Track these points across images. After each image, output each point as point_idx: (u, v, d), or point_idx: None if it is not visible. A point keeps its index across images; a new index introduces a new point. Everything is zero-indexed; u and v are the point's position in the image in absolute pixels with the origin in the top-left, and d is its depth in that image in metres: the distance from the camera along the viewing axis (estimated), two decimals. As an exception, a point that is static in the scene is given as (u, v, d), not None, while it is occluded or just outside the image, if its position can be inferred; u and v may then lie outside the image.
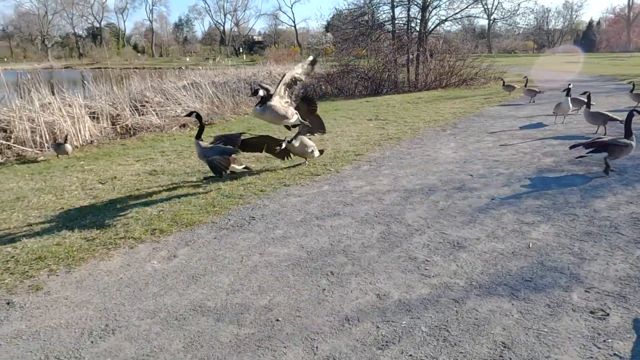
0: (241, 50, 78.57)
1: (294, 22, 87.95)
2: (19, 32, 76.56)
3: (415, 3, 19.89)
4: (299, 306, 2.76)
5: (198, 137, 5.23)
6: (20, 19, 77.07)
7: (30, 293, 2.97)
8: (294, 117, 5.51)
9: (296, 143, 5.77)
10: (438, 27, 21.58)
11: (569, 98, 8.28)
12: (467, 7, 21.63)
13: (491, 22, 59.51)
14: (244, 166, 5.65)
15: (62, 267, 3.31)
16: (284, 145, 5.65)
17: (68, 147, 7.53)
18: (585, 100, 7.28)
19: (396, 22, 20.71)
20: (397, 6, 20.30)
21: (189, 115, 5.56)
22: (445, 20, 21.42)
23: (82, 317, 2.69)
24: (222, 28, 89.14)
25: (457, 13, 21.53)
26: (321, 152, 6.34)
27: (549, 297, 2.75)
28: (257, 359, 2.31)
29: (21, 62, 55.75)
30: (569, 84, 8.66)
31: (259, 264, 3.32)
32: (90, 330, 2.56)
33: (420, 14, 20.10)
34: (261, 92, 5.13)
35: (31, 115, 9.63)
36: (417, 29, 20.12)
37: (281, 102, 5.34)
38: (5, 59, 52.67)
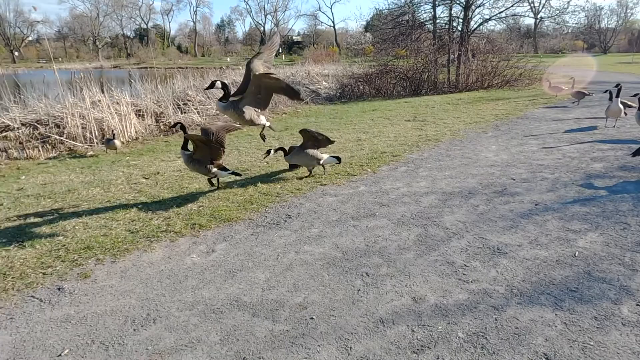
0: (280, 51, 79.53)
1: (333, 22, 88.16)
2: (72, 34, 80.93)
3: (458, 2, 19.43)
4: (334, 305, 2.77)
5: (184, 147, 4.92)
6: (74, 21, 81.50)
7: (79, 280, 3.13)
8: (261, 120, 4.80)
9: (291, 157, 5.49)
10: (481, 27, 20.99)
11: (619, 100, 7.84)
12: (512, 6, 20.88)
13: (538, 20, 57.21)
14: (230, 171, 5.13)
15: (108, 257, 3.47)
16: (270, 155, 5.52)
17: (117, 142, 7.88)
18: (630, 104, 6.86)
19: (437, 21, 20.33)
20: (438, 5, 19.91)
21: (174, 126, 5.35)
22: (489, 19, 20.79)
23: (126, 306, 2.81)
24: (262, 28, 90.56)
25: (501, 12, 20.84)
26: (339, 160, 5.76)
27: (596, 310, 2.62)
28: (291, 356, 2.33)
29: (74, 61, 58.96)
30: (617, 85, 8.19)
31: (294, 262, 3.35)
32: (133, 319, 2.67)
33: (462, 13, 19.62)
34: (219, 84, 4.59)
35: (82, 112, 10.16)
36: (459, 28, 19.65)
37: (251, 102, 4.62)
38: (60, 59, 55.83)
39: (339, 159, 5.74)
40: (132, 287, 3.03)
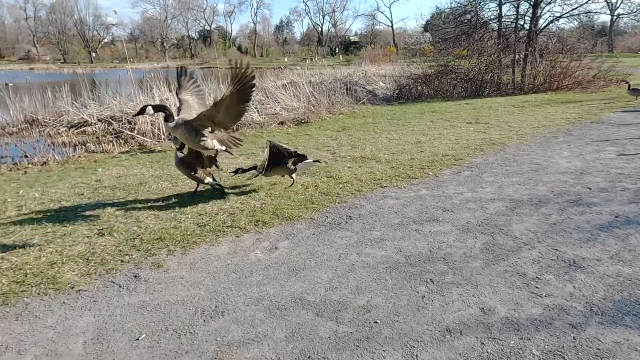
0: (337, 51, 79.80)
1: (391, 22, 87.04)
2: (143, 35, 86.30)
3: (527, -1, 18.47)
4: (398, 311, 2.72)
5: (180, 149, 4.94)
6: (145, 24, 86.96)
7: (152, 269, 3.31)
8: (215, 145, 4.53)
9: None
10: (551, 25, 19.82)
11: None
12: (586, 3, 19.53)
13: (614, 18, 53.13)
14: (217, 183, 5.08)
15: (178, 248, 3.65)
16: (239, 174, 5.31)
17: (182, 139, 8.26)
18: None
19: (503, 20, 19.43)
20: (504, 3, 19.03)
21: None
22: (560, 17, 19.58)
23: (195, 297, 2.94)
24: (320, 29, 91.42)
25: (574, 9, 19.52)
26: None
27: (693, 336, 2.37)
28: (355, 358, 2.32)
29: (143, 62, 62.78)
30: None
31: (356, 264, 3.34)
32: (203, 310, 2.78)
33: (530, 10, 18.62)
34: (150, 110, 4.23)
35: (152, 110, 10.77)
36: (526, 26, 18.67)
37: (202, 124, 4.37)
38: (131, 59, 59.70)
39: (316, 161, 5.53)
40: (201, 279, 3.16)
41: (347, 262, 3.37)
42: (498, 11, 19.24)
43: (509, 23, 19.41)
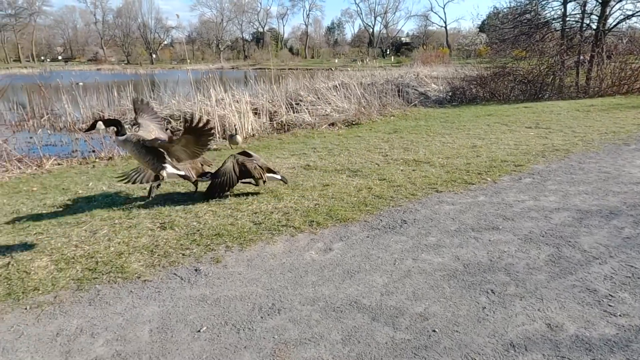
0: (388, 52, 79.01)
1: (445, 22, 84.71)
2: (200, 37, 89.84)
3: (594, -3, 17.37)
4: (457, 321, 2.64)
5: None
6: (202, 26, 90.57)
7: (212, 264, 3.42)
8: (165, 168, 4.23)
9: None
10: (621, 24, 18.48)
11: None
12: (664, -1, 18.06)
13: (695, 15, 48.64)
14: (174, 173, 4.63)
15: (236, 245, 3.75)
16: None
17: (238, 138, 8.51)
18: None
19: (567, 19, 18.38)
20: (569, 1, 18.00)
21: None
22: (632, 15, 18.22)
23: (253, 293, 3.00)
24: (371, 30, 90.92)
25: (649, 6, 18.13)
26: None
27: None
28: (414, 366, 2.27)
29: (199, 63, 65.38)
30: None
31: (412, 269, 3.27)
32: (260, 306, 2.84)
33: (598, 9, 17.48)
34: (101, 125, 4.02)
35: (207, 109, 11.17)
36: (593, 26, 17.55)
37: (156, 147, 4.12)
38: (188, 61, 62.25)
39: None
40: (258, 276, 3.22)
41: (402, 267, 3.32)
42: (562, 10, 18.24)
43: (574, 23, 18.36)
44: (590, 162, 6.20)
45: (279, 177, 5.22)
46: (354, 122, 11.69)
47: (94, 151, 8.65)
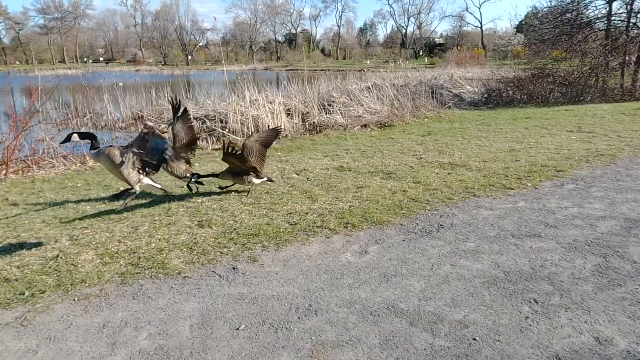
0: (421, 53, 78.00)
1: (480, 22, 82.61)
2: (234, 39, 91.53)
3: (643, -5, 16.53)
4: (499, 330, 2.57)
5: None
6: (236, 28, 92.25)
7: (249, 263, 3.47)
8: (134, 177, 4.15)
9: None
10: (673, 23, 17.50)
11: None
12: None
13: None
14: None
15: (272, 244, 3.79)
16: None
17: (271, 139, 8.59)
18: None
19: (612, 18, 17.58)
20: (614, 0, 17.21)
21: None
22: (685, 13, 17.24)
23: (289, 294, 3.02)
24: (404, 31, 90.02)
25: None
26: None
27: None
28: (454, 374, 2.23)
29: (233, 64, 66.61)
30: None
31: (450, 275, 3.21)
32: (297, 307, 2.86)
33: (648, 7, 16.64)
34: (75, 137, 4.06)
35: (241, 110, 11.35)
36: (641, 25, 16.72)
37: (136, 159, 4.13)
38: (222, 62, 63.53)
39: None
40: (294, 277, 3.24)
41: (440, 272, 3.26)
42: (607, 9, 17.47)
43: (619, 22, 17.55)
44: (638, 168, 5.91)
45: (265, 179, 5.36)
46: (386, 124, 11.61)
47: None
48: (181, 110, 4.87)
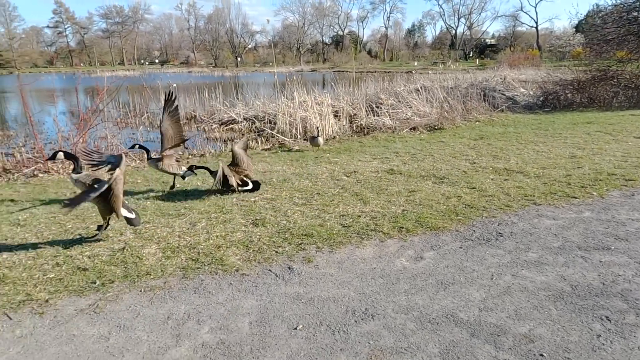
0: (471, 54, 75.77)
1: (536, 22, 78.82)
2: (282, 41, 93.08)
3: None
4: (568, 347, 2.44)
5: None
6: (284, 30, 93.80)
7: (304, 263, 3.50)
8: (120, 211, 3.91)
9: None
10: None
11: None
12: None
13: None
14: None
15: (326, 246, 3.80)
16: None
17: (320, 140, 8.64)
18: None
19: (687, 16, 16.25)
20: (691, -4, 15.90)
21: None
22: None
23: (345, 296, 3.02)
24: (454, 32, 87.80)
25: None
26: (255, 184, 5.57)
27: None
28: (521, 391, 2.14)
29: (280, 65, 67.77)
30: None
31: (512, 286, 3.09)
32: (353, 310, 2.85)
33: None
34: (60, 155, 4.17)
35: (290, 111, 11.49)
36: None
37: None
38: (270, 64, 64.79)
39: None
40: (349, 279, 3.24)
41: (501, 282, 3.14)
42: (682, 6, 16.19)
43: (695, 20, 16.20)
44: None
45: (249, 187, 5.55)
46: (436, 127, 11.36)
47: (186, 148, 9.29)
48: (173, 106, 5.41)
